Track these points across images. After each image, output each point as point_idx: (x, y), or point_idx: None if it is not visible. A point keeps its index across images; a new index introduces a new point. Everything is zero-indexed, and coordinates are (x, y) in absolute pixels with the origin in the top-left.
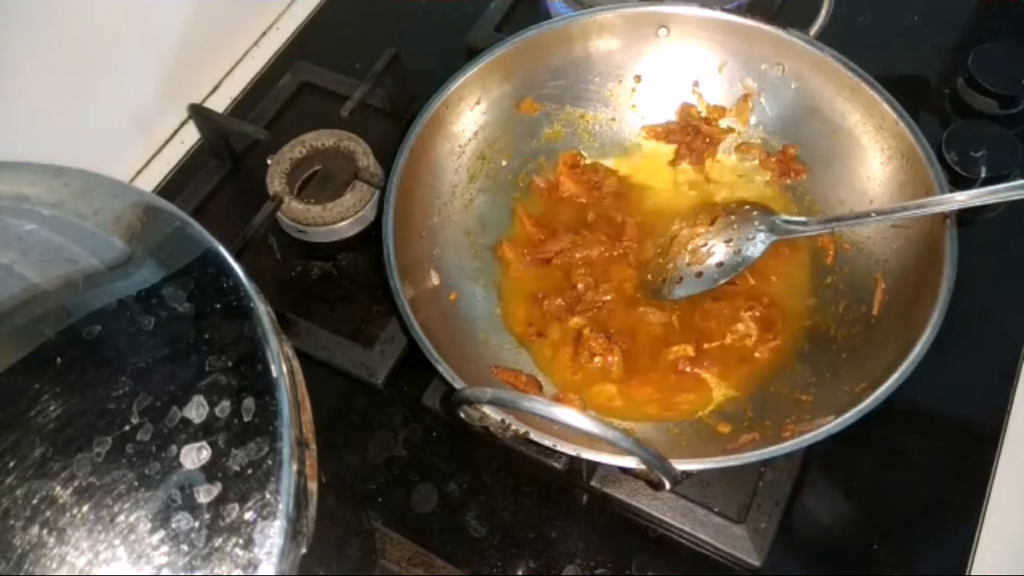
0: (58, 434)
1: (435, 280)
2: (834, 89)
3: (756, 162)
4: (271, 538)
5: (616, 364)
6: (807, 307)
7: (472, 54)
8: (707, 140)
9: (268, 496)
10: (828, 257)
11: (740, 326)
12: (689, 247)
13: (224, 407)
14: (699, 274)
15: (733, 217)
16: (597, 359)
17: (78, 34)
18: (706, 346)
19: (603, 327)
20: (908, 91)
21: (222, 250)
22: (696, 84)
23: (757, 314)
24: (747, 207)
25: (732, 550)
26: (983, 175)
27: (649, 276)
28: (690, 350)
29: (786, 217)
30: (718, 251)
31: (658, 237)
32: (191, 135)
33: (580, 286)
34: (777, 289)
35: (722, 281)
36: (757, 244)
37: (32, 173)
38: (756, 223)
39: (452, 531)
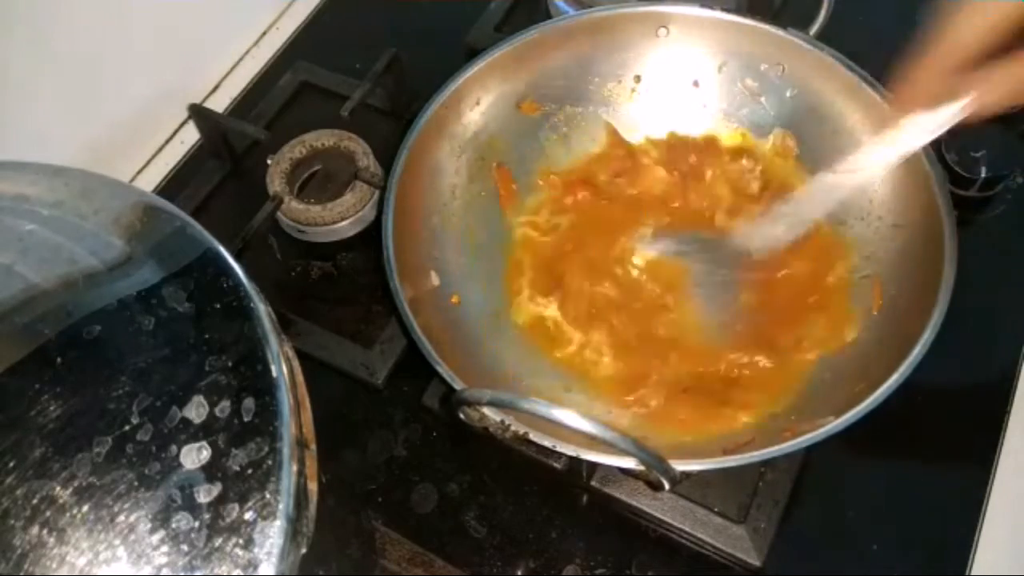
0: (58, 434)
1: (435, 281)
2: (834, 89)
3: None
4: (271, 538)
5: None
6: (806, 307)
7: (472, 54)
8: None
9: (268, 496)
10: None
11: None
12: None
13: (224, 407)
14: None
15: None
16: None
17: (78, 34)
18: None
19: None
20: None
21: (222, 250)
22: (696, 84)
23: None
24: None
25: (732, 550)
26: (983, 175)
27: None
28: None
29: None
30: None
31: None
32: (191, 135)
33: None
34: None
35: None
36: None
37: (32, 173)
38: None
39: (452, 531)
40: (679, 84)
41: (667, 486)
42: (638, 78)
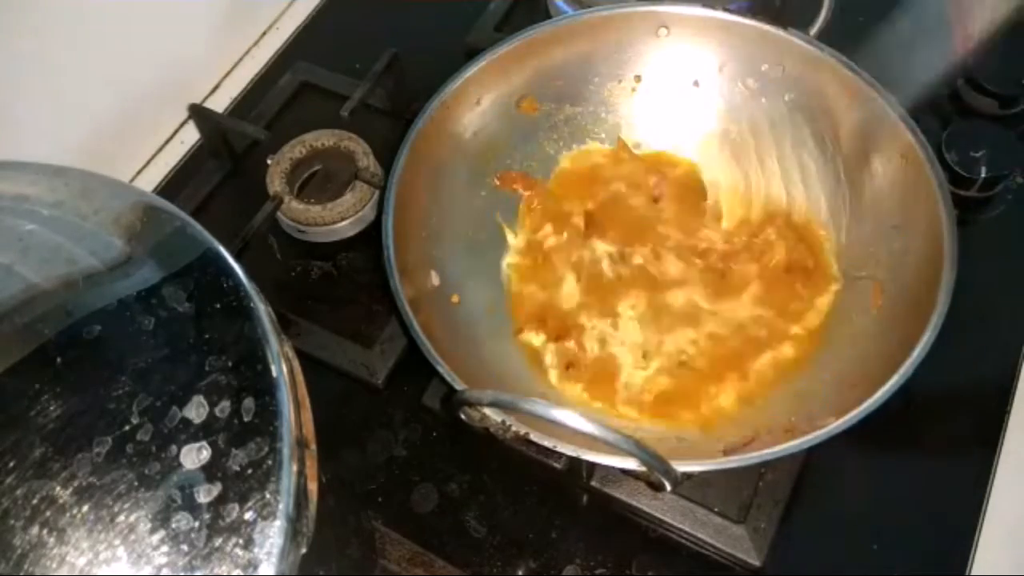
0: (58, 434)
1: (435, 281)
2: (834, 89)
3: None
4: (271, 538)
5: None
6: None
7: (472, 54)
8: None
9: (268, 496)
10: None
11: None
12: None
13: (224, 407)
14: None
15: None
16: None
17: (78, 34)
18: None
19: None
20: (908, 91)
21: (222, 250)
22: (696, 84)
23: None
24: None
25: (732, 550)
26: (983, 175)
27: None
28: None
29: None
30: None
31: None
32: (191, 135)
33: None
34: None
35: None
36: None
37: (32, 173)
38: None
39: (452, 531)
40: (679, 84)
41: (668, 487)
42: (638, 78)
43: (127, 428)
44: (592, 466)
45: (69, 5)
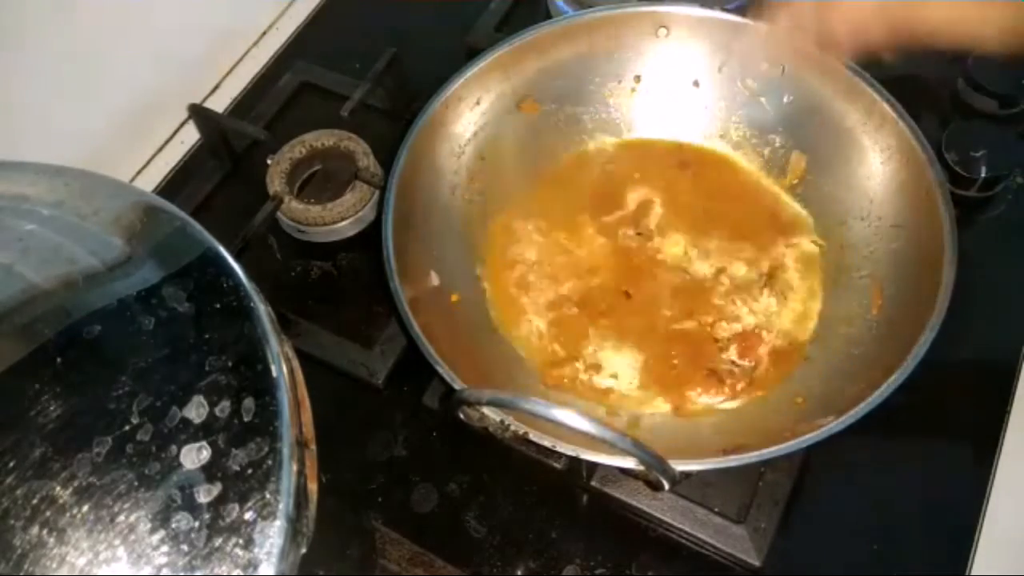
0: (58, 434)
1: (435, 281)
2: (834, 89)
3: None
4: (271, 538)
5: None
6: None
7: (472, 54)
8: None
9: (268, 496)
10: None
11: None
12: None
13: (224, 407)
14: None
15: None
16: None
17: (78, 34)
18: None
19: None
20: (908, 91)
21: (222, 250)
22: (696, 84)
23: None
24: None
25: (732, 550)
26: (983, 175)
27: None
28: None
29: None
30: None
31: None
32: (191, 135)
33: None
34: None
35: None
36: None
37: (32, 173)
38: None
39: (452, 531)
40: (679, 84)
41: (667, 486)
42: (638, 78)
43: (127, 428)
44: (592, 466)
45: (68, 6)
